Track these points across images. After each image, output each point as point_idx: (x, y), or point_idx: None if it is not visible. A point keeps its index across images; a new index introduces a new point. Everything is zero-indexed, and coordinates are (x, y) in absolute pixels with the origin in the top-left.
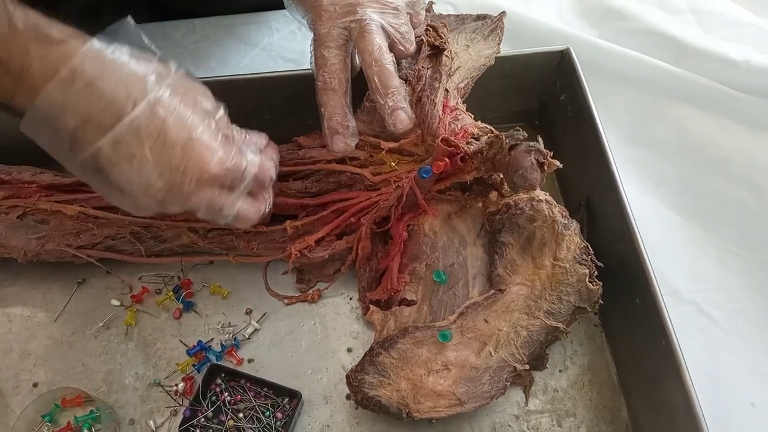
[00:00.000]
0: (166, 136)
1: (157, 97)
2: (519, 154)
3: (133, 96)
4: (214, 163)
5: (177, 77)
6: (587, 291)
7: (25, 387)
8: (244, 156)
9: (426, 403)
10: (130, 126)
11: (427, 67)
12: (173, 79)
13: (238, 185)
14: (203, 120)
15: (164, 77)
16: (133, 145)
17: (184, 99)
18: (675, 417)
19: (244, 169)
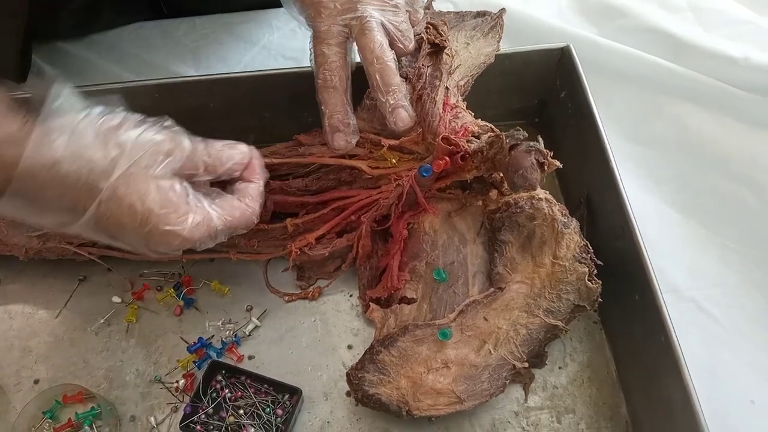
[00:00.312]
0: (124, 229)
1: (105, 198)
2: (519, 154)
3: (82, 202)
4: (179, 243)
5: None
6: (587, 289)
7: (27, 384)
8: (213, 218)
9: (426, 401)
10: (88, 223)
11: (427, 65)
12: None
13: (214, 239)
14: (161, 197)
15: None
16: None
17: (139, 181)
18: (674, 413)
19: (215, 231)
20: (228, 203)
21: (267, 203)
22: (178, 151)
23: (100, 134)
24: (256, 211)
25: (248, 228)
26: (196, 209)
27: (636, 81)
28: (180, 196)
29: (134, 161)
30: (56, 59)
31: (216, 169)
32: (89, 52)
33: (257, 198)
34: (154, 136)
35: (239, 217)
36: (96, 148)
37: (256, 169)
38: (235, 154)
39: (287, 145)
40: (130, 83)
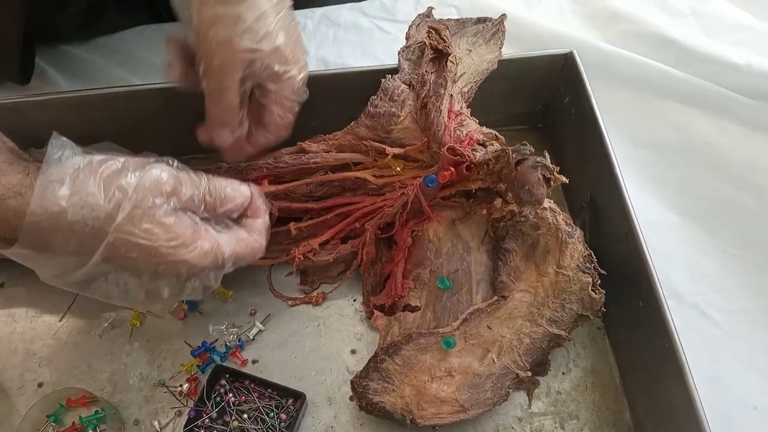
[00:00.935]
0: (134, 263)
1: (112, 240)
2: (526, 169)
3: (89, 246)
4: (188, 271)
5: (132, 188)
6: (590, 299)
7: (30, 387)
8: (222, 246)
9: (429, 410)
10: (97, 268)
11: (430, 71)
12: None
13: (222, 269)
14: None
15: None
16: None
17: (144, 221)
18: (677, 418)
19: (223, 259)
20: (237, 235)
21: (271, 209)
22: (181, 190)
23: (101, 180)
24: (263, 244)
25: (253, 261)
26: (204, 236)
27: (639, 86)
28: (187, 226)
29: (137, 202)
30: (60, 62)
31: (215, 209)
32: (93, 54)
33: (263, 232)
34: (157, 177)
35: (247, 249)
36: (99, 195)
37: (260, 207)
38: (237, 196)
39: (291, 151)
40: (136, 87)
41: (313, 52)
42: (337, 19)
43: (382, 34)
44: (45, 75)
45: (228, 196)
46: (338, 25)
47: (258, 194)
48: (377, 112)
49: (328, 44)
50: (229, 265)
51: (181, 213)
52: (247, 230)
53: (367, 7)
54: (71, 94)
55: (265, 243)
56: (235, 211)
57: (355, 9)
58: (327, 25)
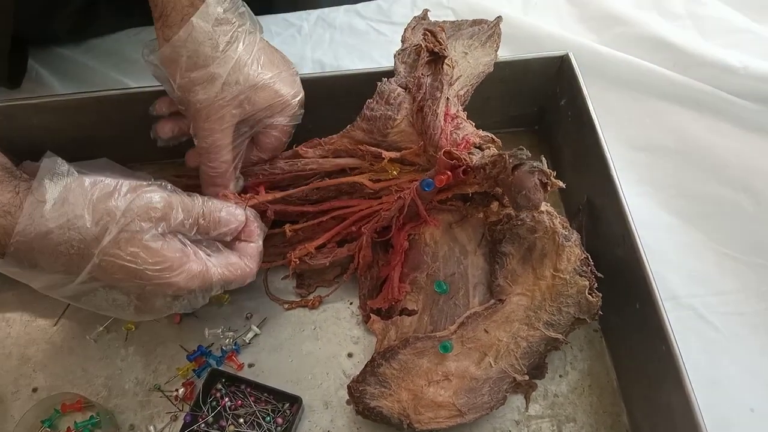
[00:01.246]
0: (120, 283)
1: (98, 262)
2: (522, 174)
3: (75, 266)
4: (174, 292)
5: (120, 211)
6: (587, 303)
7: (25, 392)
8: (210, 270)
9: (427, 414)
10: (85, 285)
11: (426, 74)
12: (116, 222)
13: (209, 292)
14: (154, 255)
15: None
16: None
17: (131, 245)
18: (674, 421)
19: (210, 283)
20: (228, 259)
21: (267, 212)
22: (172, 214)
23: (90, 203)
24: (253, 270)
25: (243, 284)
26: (193, 260)
27: (635, 88)
28: (175, 250)
29: (124, 226)
30: (54, 65)
31: (209, 231)
32: (88, 57)
33: (255, 257)
34: (147, 202)
35: (237, 274)
36: (86, 217)
37: (255, 231)
38: (231, 220)
39: (287, 156)
40: (130, 90)
41: (309, 54)
42: (333, 21)
43: (378, 36)
44: (39, 78)
45: (222, 220)
46: (334, 27)
47: (253, 218)
48: (373, 115)
49: (324, 46)
50: (217, 289)
51: (170, 237)
52: (239, 254)
53: (363, 9)
54: (65, 96)
55: (256, 268)
56: (229, 235)
57: (351, 11)
58: (323, 27)
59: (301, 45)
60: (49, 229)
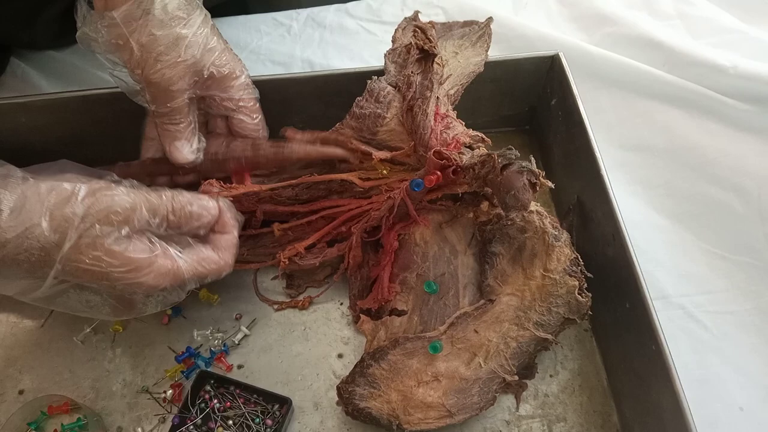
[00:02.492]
0: (89, 286)
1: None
2: (511, 174)
3: (39, 273)
4: (145, 291)
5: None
6: (577, 303)
7: (11, 394)
8: (180, 267)
9: (416, 415)
10: (54, 288)
11: (416, 72)
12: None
13: (184, 288)
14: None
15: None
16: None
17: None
18: (664, 420)
19: (183, 280)
20: (199, 254)
21: (257, 212)
22: (135, 215)
23: (47, 209)
24: (228, 262)
25: (219, 277)
26: (162, 258)
27: (625, 88)
28: (141, 251)
29: (84, 232)
30: (41, 64)
31: (180, 227)
32: (75, 56)
33: (231, 249)
34: (108, 206)
35: (210, 268)
36: (44, 224)
37: (229, 222)
38: (203, 214)
39: (272, 144)
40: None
41: (298, 53)
42: (323, 21)
43: (368, 35)
44: (26, 77)
45: (194, 214)
46: (324, 26)
47: (227, 209)
48: (363, 113)
49: (313, 46)
50: (192, 284)
51: (136, 237)
52: (212, 247)
53: (353, 9)
54: (53, 95)
55: (231, 260)
56: (202, 229)
57: (341, 10)
58: (312, 26)
59: (290, 44)
60: (6, 239)
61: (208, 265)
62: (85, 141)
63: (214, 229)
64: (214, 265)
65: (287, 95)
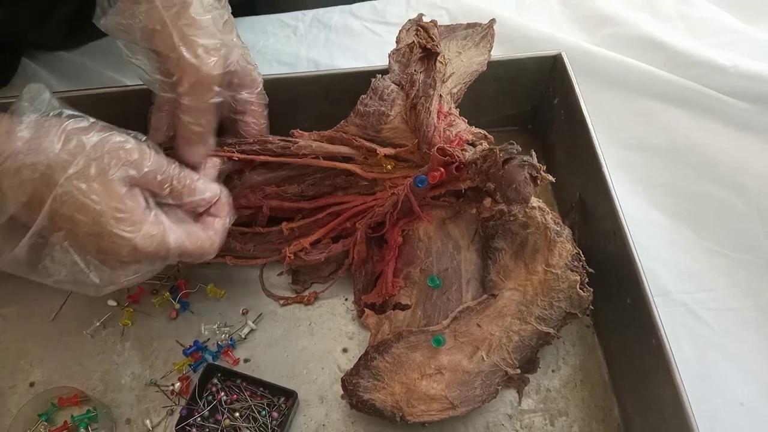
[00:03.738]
0: (77, 227)
1: (60, 193)
2: (513, 168)
3: (38, 196)
4: (128, 252)
5: (91, 144)
6: (578, 297)
7: (22, 386)
8: (168, 236)
9: (419, 407)
10: (41, 228)
11: (419, 70)
12: (86, 154)
13: (165, 259)
14: (118, 199)
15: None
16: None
17: (96, 181)
18: (665, 415)
19: (167, 249)
20: (189, 229)
21: (263, 208)
22: (144, 162)
23: (64, 132)
24: (215, 244)
25: (202, 259)
26: (153, 221)
27: (627, 88)
28: (138, 204)
29: (94, 160)
30: (52, 64)
31: (182, 197)
32: (85, 57)
33: (220, 233)
34: (121, 143)
35: (197, 245)
36: (57, 144)
37: (225, 207)
38: (206, 189)
39: (278, 138)
40: (126, 87)
41: (304, 54)
42: (328, 22)
43: (373, 36)
44: (36, 77)
45: (198, 188)
46: (329, 27)
47: (227, 196)
48: (367, 111)
49: (319, 46)
50: (174, 257)
51: (136, 190)
52: (202, 226)
53: (358, 10)
54: (62, 94)
55: (218, 243)
56: (202, 206)
57: (346, 11)
58: (318, 27)
59: (296, 45)
60: (18, 149)
61: (195, 242)
62: None
63: (210, 212)
64: (200, 242)
65: (293, 94)
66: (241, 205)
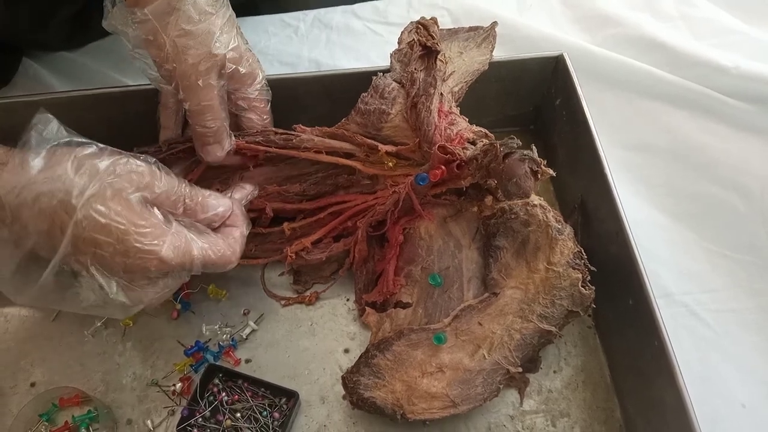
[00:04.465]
0: (102, 249)
1: (81, 218)
2: (513, 162)
3: (58, 223)
4: (156, 265)
5: (104, 168)
6: (580, 295)
7: (23, 386)
8: (192, 247)
9: (420, 405)
10: (65, 256)
11: (419, 69)
12: (99, 177)
13: (190, 270)
14: (138, 216)
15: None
16: (82, 251)
17: (114, 201)
18: (667, 416)
19: (192, 260)
20: (211, 239)
21: (266, 210)
22: (156, 184)
23: (76, 159)
24: (237, 253)
25: (225, 268)
26: (175, 233)
27: (628, 88)
28: (157, 219)
29: (108, 183)
30: (53, 64)
31: (196, 214)
32: (86, 57)
33: (239, 241)
34: (132, 167)
35: (220, 255)
36: (71, 171)
37: (240, 218)
38: (219, 204)
39: (281, 131)
40: (127, 87)
41: (305, 54)
42: (330, 22)
43: (375, 36)
44: (38, 76)
45: (210, 204)
46: (331, 27)
47: (239, 206)
48: (368, 109)
49: (320, 46)
50: (198, 268)
51: (151, 207)
52: (222, 236)
53: (360, 10)
54: (63, 94)
55: (239, 253)
56: (217, 221)
57: (347, 11)
58: (319, 27)
59: (297, 45)
60: (33, 179)
61: (218, 251)
62: (95, 140)
63: (225, 223)
64: (221, 252)
65: (295, 94)
66: None
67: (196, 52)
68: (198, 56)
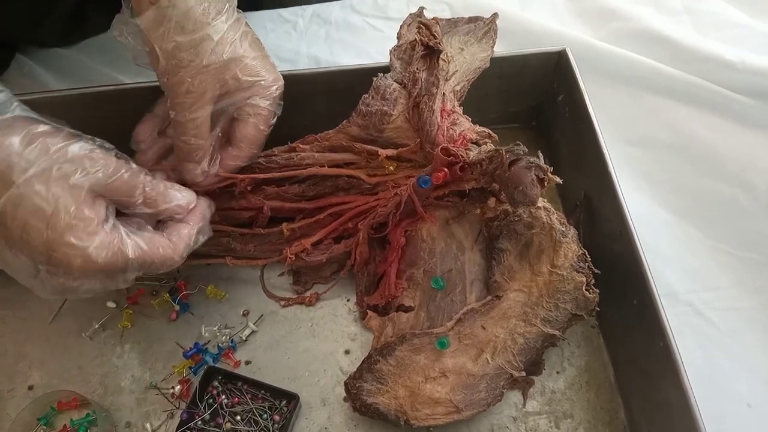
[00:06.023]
0: (29, 233)
1: (16, 195)
2: (519, 170)
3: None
4: (81, 264)
5: (56, 148)
6: (584, 299)
7: (21, 390)
8: (126, 246)
9: (423, 411)
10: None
11: (422, 68)
12: (48, 157)
13: (124, 271)
14: (74, 206)
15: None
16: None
17: (56, 184)
18: (672, 417)
19: (125, 260)
20: (148, 236)
21: (264, 209)
22: (108, 170)
23: (28, 134)
24: (179, 250)
25: (167, 267)
26: (108, 232)
27: (632, 83)
28: (96, 213)
29: (55, 164)
30: (48, 62)
31: (157, 204)
32: (82, 54)
33: (185, 239)
34: (86, 151)
35: (158, 253)
36: (20, 146)
37: (198, 215)
38: (181, 195)
39: (284, 149)
40: (124, 85)
41: (304, 50)
42: (329, 17)
43: (374, 31)
44: (32, 74)
45: (171, 194)
46: (330, 22)
47: (206, 204)
48: (369, 111)
49: (319, 42)
50: (134, 269)
51: (100, 200)
52: (167, 233)
53: (359, 5)
54: (60, 92)
55: (183, 251)
56: (179, 213)
57: (346, 6)
58: (318, 23)
59: (296, 41)
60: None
61: (156, 249)
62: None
63: (180, 219)
64: (161, 249)
65: (293, 92)
66: (241, 206)
67: (188, 64)
68: (190, 68)
